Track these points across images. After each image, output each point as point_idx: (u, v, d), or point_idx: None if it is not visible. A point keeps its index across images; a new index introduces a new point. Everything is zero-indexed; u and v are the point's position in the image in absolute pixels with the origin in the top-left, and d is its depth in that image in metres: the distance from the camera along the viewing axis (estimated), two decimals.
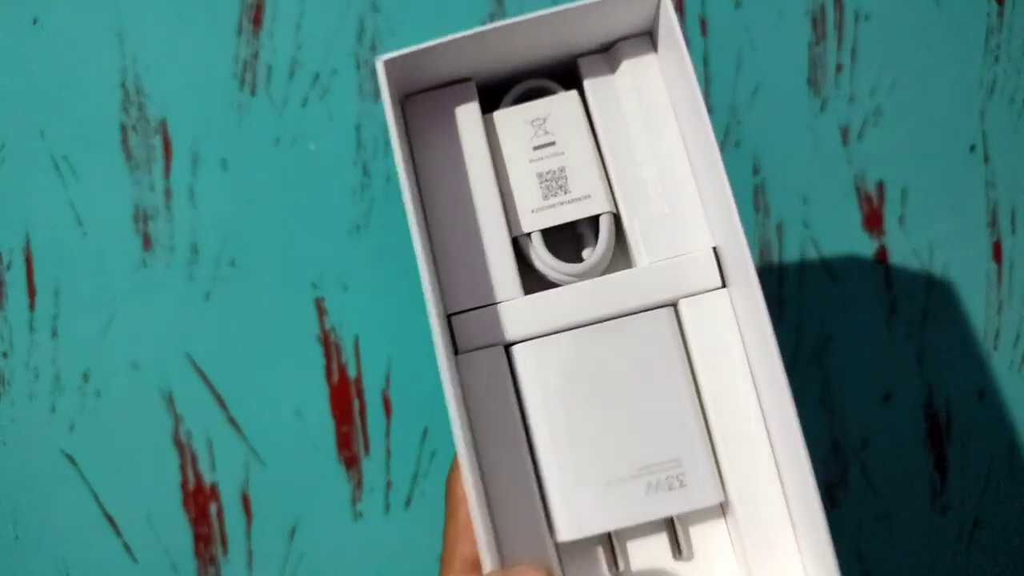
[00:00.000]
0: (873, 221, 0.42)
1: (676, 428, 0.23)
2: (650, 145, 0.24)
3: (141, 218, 0.37)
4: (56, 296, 0.37)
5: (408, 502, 0.38)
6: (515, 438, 0.23)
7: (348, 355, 0.38)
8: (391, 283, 0.38)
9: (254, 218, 0.37)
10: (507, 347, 0.24)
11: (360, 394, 0.38)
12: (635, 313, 0.23)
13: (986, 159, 0.43)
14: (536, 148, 0.24)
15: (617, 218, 0.25)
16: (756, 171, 0.41)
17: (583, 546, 0.24)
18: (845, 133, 0.41)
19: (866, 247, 0.42)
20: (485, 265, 0.24)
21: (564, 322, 0.23)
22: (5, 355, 0.37)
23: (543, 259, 0.24)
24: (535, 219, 0.24)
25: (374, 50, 0.39)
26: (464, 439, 0.21)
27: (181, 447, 0.37)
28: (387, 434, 0.38)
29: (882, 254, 0.42)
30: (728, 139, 0.40)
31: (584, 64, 0.25)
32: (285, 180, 0.37)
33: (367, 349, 0.38)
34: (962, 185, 0.42)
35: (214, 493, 0.37)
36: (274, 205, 0.37)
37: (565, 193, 0.24)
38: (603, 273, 0.25)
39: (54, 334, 0.37)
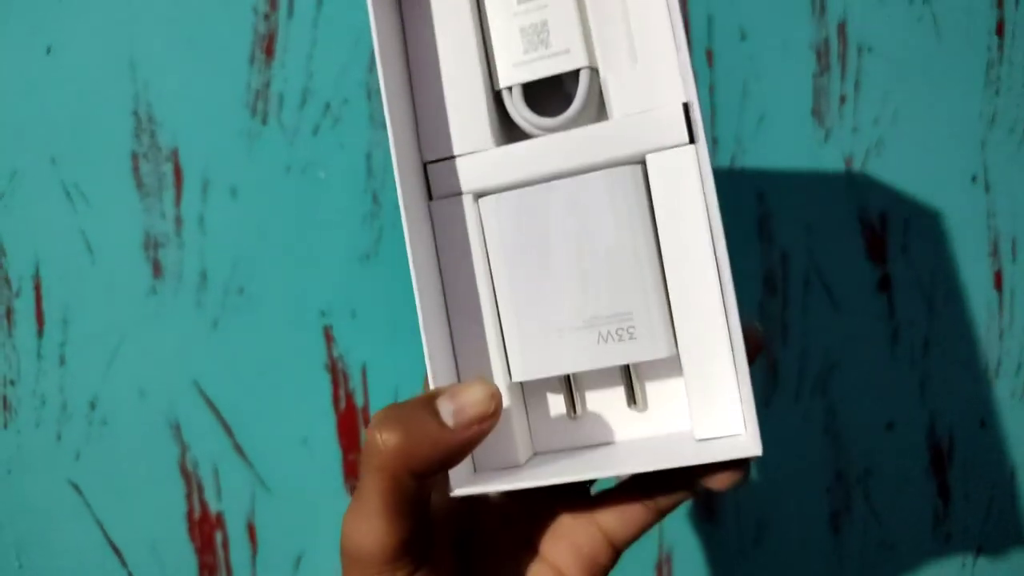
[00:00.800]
0: (876, 250, 0.42)
1: (632, 282, 0.23)
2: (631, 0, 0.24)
3: (151, 245, 0.37)
4: (64, 324, 0.37)
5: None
6: (477, 284, 0.24)
7: (356, 383, 0.38)
8: (400, 311, 0.38)
9: (264, 246, 0.37)
10: (478, 196, 0.24)
11: (367, 422, 0.38)
12: (603, 167, 0.23)
13: (987, 189, 0.43)
14: (520, 1, 0.24)
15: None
16: (761, 200, 0.41)
17: (545, 392, 0.25)
18: (849, 163, 0.42)
19: (869, 276, 0.42)
20: (461, 117, 0.24)
21: (533, 174, 0.24)
22: (12, 383, 0.37)
23: (521, 113, 0.24)
24: (515, 73, 0.24)
25: None
26: (421, 280, 0.22)
27: (187, 476, 0.37)
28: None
29: (885, 283, 0.42)
30: (733, 168, 0.41)
31: None
32: (295, 208, 0.37)
33: (375, 377, 0.38)
34: (963, 215, 0.43)
35: (220, 522, 0.37)
36: (284, 233, 0.37)
37: (546, 47, 0.24)
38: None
39: (62, 362, 0.37)
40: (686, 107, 0.23)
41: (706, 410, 0.23)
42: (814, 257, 0.42)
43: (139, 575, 0.37)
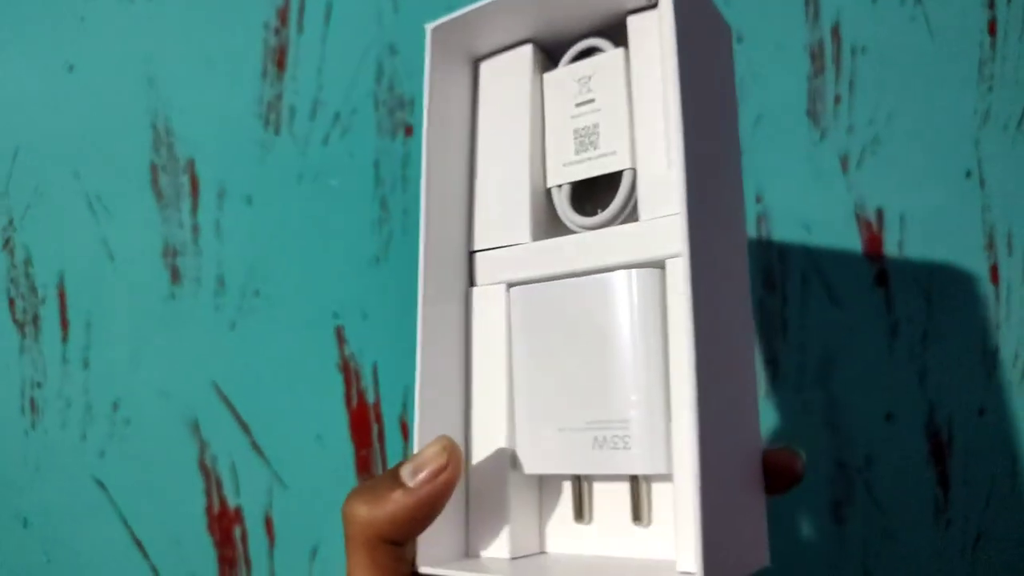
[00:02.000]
0: (873, 246, 0.43)
1: (634, 389, 0.22)
2: (670, 102, 0.24)
3: (170, 253, 0.38)
4: (88, 328, 0.38)
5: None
6: (498, 372, 0.25)
7: (367, 381, 0.39)
8: (409, 311, 0.39)
9: (278, 251, 0.39)
10: (510, 287, 0.25)
11: (379, 419, 0.39)
12: (624, 268, 0.23)
13: (982, 184, 0.44)
14: (578, 105, 0.25)
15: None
16: (759, 199, 0.42)
17: (558, 491, 0.25)
18: (844, 162, 0.43)
19: (867, 271, 0.43)
20: (508, 212, 0.25)
21: (560, 269, 0.24)
22: (39, 385, 0.38)
23: (563, 211, 0.25)
24: (564, 172, 0.25)
25: (392, 90, 0.40)
26: (426, 370, 0.23)
27: (207, 472, 0.38)
28: (405, 456, 0.39)
29: (882, 278, 0.43)
30: None
31: (632, 20, 0.25)
32: (307, 215, 0.39)
33: (385, 376, 0.39)
34: (959, 210, 0.44)
35: (238, 516, 0.38)
36: (297, 238, 0.39)
37: (594, 149, 0.24)
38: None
39: (86, 365, 0.38)
40: None
41: (685, 538, 0.21)
42: (812, 254, 0.43)
43: (161, 568, 0.38)
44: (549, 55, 0.27)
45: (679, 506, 0.21)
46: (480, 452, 0.25)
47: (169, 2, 0.39)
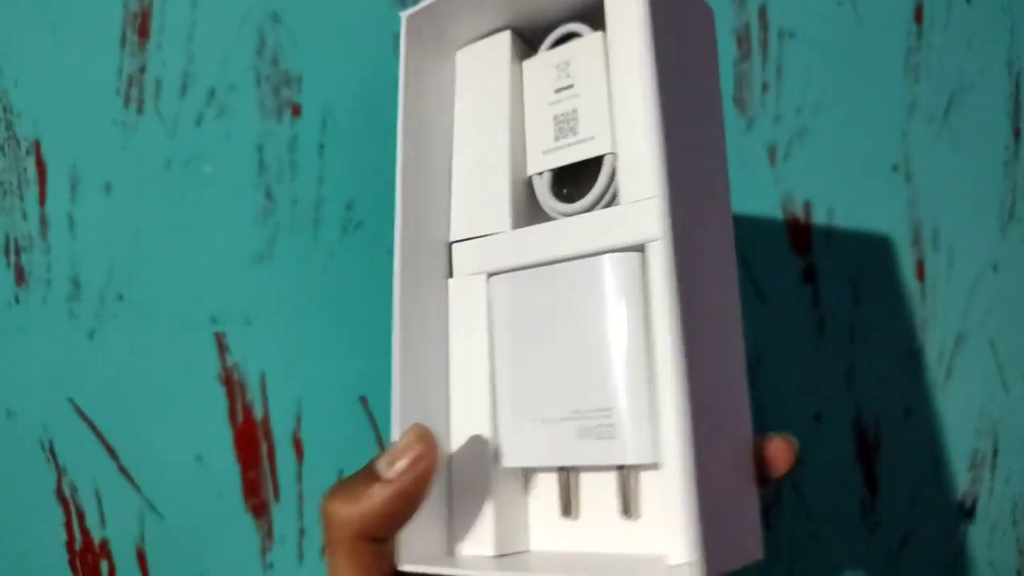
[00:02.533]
0: (801, 240, 0.41)
1: (618, 377, 0.22)
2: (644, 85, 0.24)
3: (12, 249, 0.33)
4: None
5: (325, 551, 0.35)
6: (479, 363, 0.24)
7: (254, 394, 0.35)
8: (300, 316, 0.35)
9: (143, 248, 0.34)
10: (490, 276, 0.25)
11: (268, 436, 0.35)
12: (604, 253, 0.23)
13: (908, 178, 0.43)
14: (557, 91, 0.25)
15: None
16: None
17: (542, 486, 0.25)
18: (772, 153, 0.41)
19: (794, 266, 0.41)
20: (487, 200, 0.25)
21: (540, 256, 0.24)
22: None
23: (544, 199, 0.25)
24: (544, 159, 0.25)
25: (276, 64, 0.36)
26: (403, 358, 0.23)
27: (65, 502, 0.34)
28: (299, 478, 0.35)
29: (810, 272, 0.42)
30: None
31: (609, 4, 0.25)
32: (178, 206, 0.34)
33: (274, 388, 0.35)
34: (886, 204, 0.42)
35: (105, 551, 0.34)
36: (166, 233, 0.34)
37: (574, 134, 0.24)
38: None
39: None
40: None
41: (675, 531, 0.21)
42: (739, 248, 0.41)
43: None
44: (528, 42, 0.27)
45: (668, 497, 0.21)
46: (462, 446, 0.24)
47: None
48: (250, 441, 0.35)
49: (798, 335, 0.42)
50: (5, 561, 0.34)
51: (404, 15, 0.25)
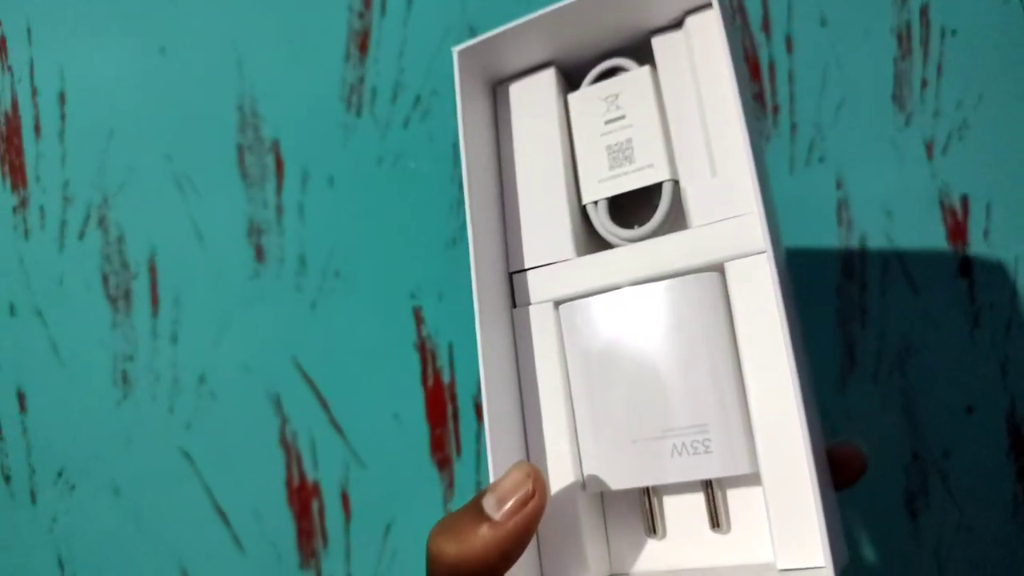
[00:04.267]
0: (957, 234, 0.42)
1: (709, 394, 0.22)
2: (709, 113, 0.25)
3: (255, 232, 0.39)
4: (177, 304, 0.40)
5: None
6: (556, 391, 0.24)
7: (443, 361, 0.39)
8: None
9: (358, 232, 0.39)
10: (558, 304, 0.25)
11: (453, 399, 0.39)
12: (682, 275, 0.23)
13: None
14: (607, 122, 0.25)
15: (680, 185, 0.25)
16: (839, 185, 0.41)
17: (629, 507, 0.25)
18: (929, 148, 0.42)
19: (950, 260, 0.42)
20: (546, 230, 0.25)
21: (611, 281, 0.24)
22: (130, 358, 0.40)
23: (604, 225, 0.25)
24: (600, 188, 0.25)
25: None
26: (489, 385, 0.22)
27: (287, 447, 0.39)
28: (478, 436, 0.39)
29: (966, 267, 0.42)
30: (812, 154, 0.41)
31: (657, 40, 0.26)
32: (387, 196, 0.39)
33: (461, 356, 0.39)
34: None
35: (316, 491, 0.39)
36: (376, 220, 0.39)
37: (630, 163, 0.25)
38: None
39: (174, 340, 0.40)
40: None
41: (787, 537, 0.21)
42: (893, 241, 0.42)
43: (242, 538, 0.39)
44: (567, 77, 0.27)
45: (770, 505, 0.21)
46: (547, 475, 0.24)
47: None
48: (438, 403, 0.39)
49: (952, 327, 0.42)
50: (236, 493, 0.40)
51: (455, 50, 0.25)
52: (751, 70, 0.41)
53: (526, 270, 0.25)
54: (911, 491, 0.42)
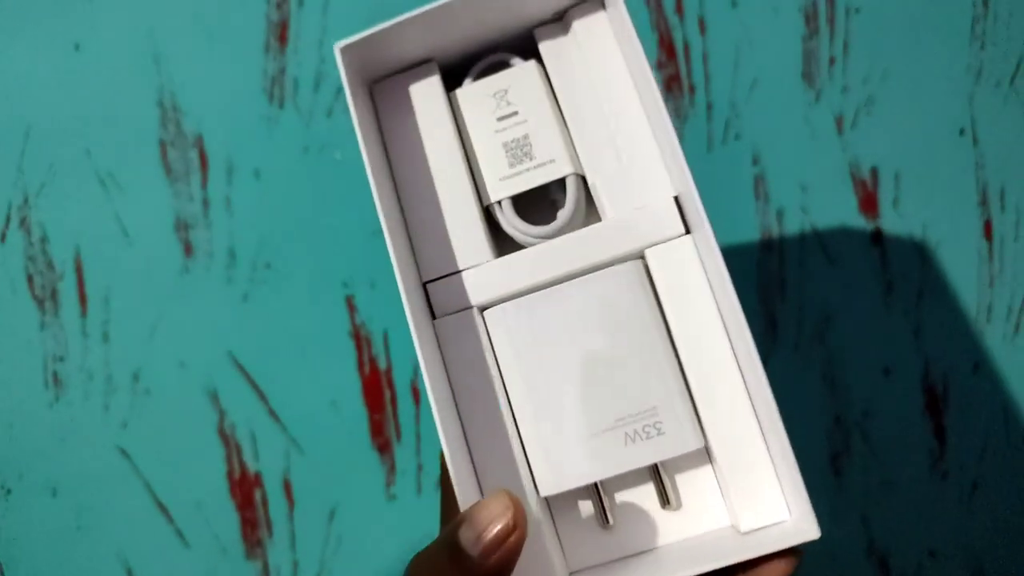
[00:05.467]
0: (868, 205, 0.44)
1: (651, 378, 0.23)
2: (608, 105, 0.24)
3: (182, 227, 0.39)
4: (106, 303, 0.39)
5: (439, 483, 0.40)
6: (493, 398, 0.23)
7: (378, 348, 0.40)
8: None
9: (286, 223, 0.39)
10: (482, 310, 0.24)
11: (391, 384, 0.40)
12: (604, 267, 0.23)
13: (975, 141, 0.44)
14: (500, 119, 0.25)
15: (585, 179, 0.25)
16: (756, 161, 0.43)
17: (573, 503, 0.24)
18: (839, 122, 0.43)
19: (862, 230, 0.44)
20: (456, 234, 0.24)
21: (534, 281, 0.23)
22: (61, 359, 0.39)
23: (513, 224, 0.25)
24: (503, 187, 0.25)
25: None
26: (437, 399, 0.21)
27: (227, 439, 0.39)
28: (417, 420, 0.40)
29: (878, 236, 0.44)
30: (728, 132, 0.42)
31: (540, 34, 0.26)
32: (314, 187, 0.40)
33: (396, 343, 0.40)
34: (953, 167, 0.44)
35: (258, 481, 0.39)
36: (305, 210, 0.40)
37: (530, 160, 0.24)
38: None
39: (105, 339, 0.39)
40: (676, 200, 0.23)
41: (746, 499, 0.22)
42: (809, 214, 0.43)
43: (186, 532, 0.39)
44: (449, 73, 0.27)
45: (725, 474, 0.22)
46: (491, 485, 0.23)
47: None
48: (375, 389, 0.40)
49: (867, 295, 0.44)
50: (177, 488, 0.40)
51: (337, 47, 0.24)
52: (666, 52, 0.42)
53: (440, 279, 0.24)
54: (835, 451, 0.44)
